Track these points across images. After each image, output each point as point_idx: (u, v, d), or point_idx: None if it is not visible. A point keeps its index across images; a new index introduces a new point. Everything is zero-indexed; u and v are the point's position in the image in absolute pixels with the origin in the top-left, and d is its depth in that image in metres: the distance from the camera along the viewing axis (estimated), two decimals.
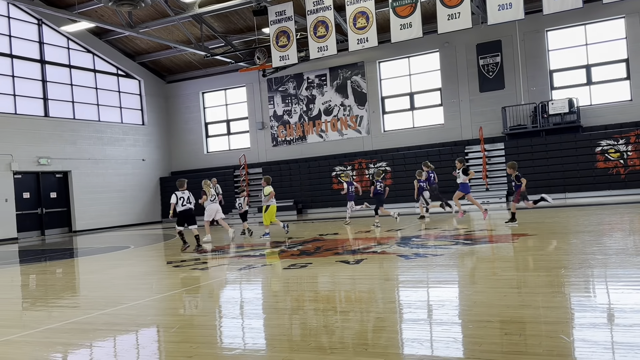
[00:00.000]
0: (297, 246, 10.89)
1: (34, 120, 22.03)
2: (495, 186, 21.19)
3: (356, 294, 6.00)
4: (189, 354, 4.02)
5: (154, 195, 27.00)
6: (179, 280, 8.02)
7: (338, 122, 24.67)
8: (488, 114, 21.85)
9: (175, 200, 11.79)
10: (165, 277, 8.56)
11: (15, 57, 21.74)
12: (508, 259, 7.75)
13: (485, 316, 4.48)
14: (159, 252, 12.83)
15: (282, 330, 4.68)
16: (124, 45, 25.93)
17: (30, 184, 21.93)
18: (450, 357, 3.60)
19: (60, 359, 4.28)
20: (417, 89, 23.34)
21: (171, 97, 28.42)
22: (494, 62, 21.73)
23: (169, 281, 8.09)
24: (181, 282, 7.80)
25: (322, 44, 18.76)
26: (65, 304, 6.88)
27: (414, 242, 9.99)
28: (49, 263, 12.15)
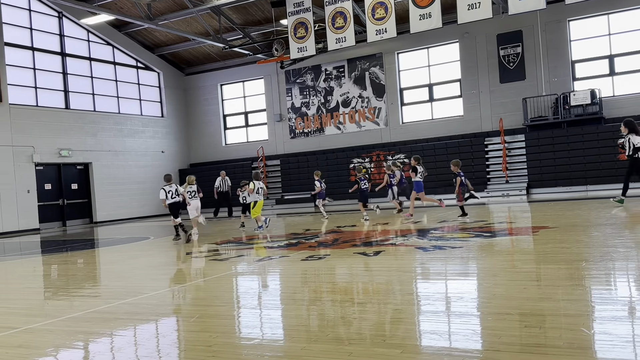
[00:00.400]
0: (314, 238, 10.90)
1: (55, 112, 22.32)
2: (516, 178, 20.99)
3: (374, 285, 6.00)
4: (208, 343, 4.06)
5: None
6: (197, 270, 8.09)
7: (356, 114, 24.60)
8: (508, 106, 21.61)
9: (165, 195, 12.43)
10: (184, 268, 8.64)
11: (36, 49, 22.01)
12: (528, 252, 7.68)
13: (504, 309, 4.44)
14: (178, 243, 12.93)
15: (300, 320, 4.69)
16: (143, 38, 26.10)
17: (51, 176, 22.25)
18: (469, 349, 3.58)
19: (82, 347, 4.35)
20: (436, 80, 23.15)
21: (190, 89, 28.57)
22: (515, 53, 21.46)
23: (188, 271, 8.16)
24: (200, 272, 7.86)
25: (340, 35, 18.68)
26: (86, 293, 6.98)
27: (433, 234, 9.95)
28: (71, 253, 12.34)
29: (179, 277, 7.84)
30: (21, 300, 6.96)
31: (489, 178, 21.59)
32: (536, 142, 20.61)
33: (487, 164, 21.75)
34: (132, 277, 8.28)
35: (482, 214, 13.96)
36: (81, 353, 4.22)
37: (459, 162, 12.89)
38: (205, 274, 7.61)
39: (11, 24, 21.15)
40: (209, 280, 7.04)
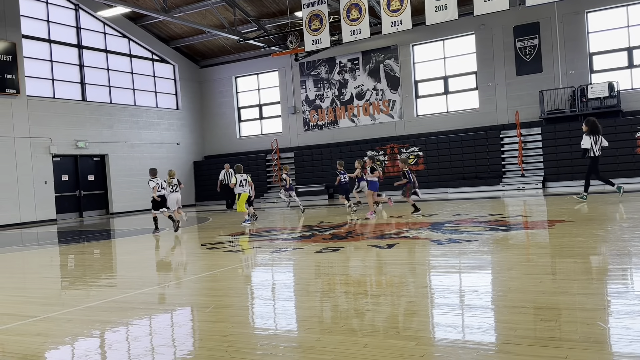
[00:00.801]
0: (328, 230, 10.92)
1: (72, 104, 22.53)
2: (532, 172, 20.83)
3: (387, 278, 6.00)
4: (224, 333, 4.09)
5: (187, 179, 27.36)
6: (212, 261, 8.15)
7: (370, 106, 24.52)
8: (525, 98, 21.41)
9: (154, 186, 13.12)
10: (199, 259, 8.71)
11: (53, 42, 22.21)
12: (544, 246, 7.63)
13: (520, 302, 4.43)
14: (193, 234, 13.04)
15: (314, 312, 4.72)
16: (158, 30, 26.21)
17: (68, 167, 22.50)
18: (484, 342, 3.58)
19: (99, 336, 4.41)
20: (452, 72, 22.99)
21: (205, 82, 28.66)
22: (532, 45, 21.23)
23: (203, 262, 8.23)
24: (215, 263, 7.92)
25: (355, 27, 18.61)
26: (103, 283, 7.07)
27: (447, 227, 9.92)
28: (87, 244, 12.49)
29: (194, 268, 7.91)
30: (39, 289, 7.07)
31: (504, 171, 21.44)
32: (553, 135, 20.41)
33: (503, 157, 21.59)
34: (148, 268, 8.37)
35: (497, 207, 13.88)
36: (99, 342, 4.28)
37: (406, 159, 13.51)
38: (220, 265, 7.66)
39: (29, 17, 21.35)
40: (224, 271, 7.09)
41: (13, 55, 20.13)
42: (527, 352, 3.24)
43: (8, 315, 5.25)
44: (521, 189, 19.88)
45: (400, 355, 3.34)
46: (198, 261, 8.52)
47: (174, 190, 13.49)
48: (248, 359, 3.50)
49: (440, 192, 21.67)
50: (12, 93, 20.05)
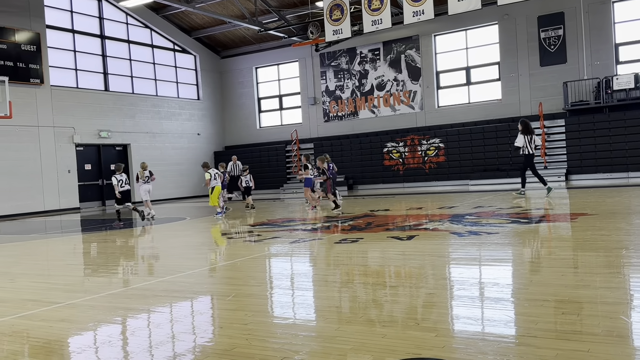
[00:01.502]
0: (348, 221, 10.92)
1: (95, 94, 22.79)
2: (555, 164, 20.55)
3: (407, 269, 5.99)
4: (244, 322, 4.13)
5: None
6: (232, 251, 8.21)
7: (391, 97, 24.38)
8: (548, 89, 21.10)
9: (116, 182, 13.55)
10: (220, 248, 8.78)
11: (76, 32, 22.46)
12: (566, 239, 7.54)
13: (541, 295, 4.39)
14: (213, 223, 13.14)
15: (333, 302, 4.73)
16: (180, 21, 26.33)
17: (91, 156, 22.80)
18: (505, 334, 3.55)
19: (121, 322, 4.48)
20: (474, 63, 22.74)
21: (225, 72, 28.76)
22: (556, 35, 20.88)
23: (224, 251, 8.29)
24: (235, 253, 7.98)
25: (377, 17, 18.48)
26: (125, 271, 7.17)
27: (468, 219, 9.85)
28: (109, 232, 12.66)
29: (215, 257, 7.98)
30: (63, 276, 7.20)
31: None
32: (576, 127, 20.11)
33: None
34: (169, 256, 8.47)
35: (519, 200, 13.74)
36: (121, 328, 4.35)
37: (324, 157, 13.82)
38: (240, 254, 7.72)
39: (52, 7, 21.60)
40: (244, 260, 7.14)
41: (37, 46, 20.41)
42: (548, 345, 3.21)
43: (33, 301, 5.36)
44: None
45: (420, 346, 3.33)
46: (218, 250, 8.60)
47: (146, 182, 14.44)
48: (268, 347, 3.52)
49: (461, 184, 21.52)
50: (36, 83, 20.35)
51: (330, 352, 3.36)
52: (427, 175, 22.83)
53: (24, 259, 9.30)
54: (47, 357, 3.62)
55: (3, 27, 19.47)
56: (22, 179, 19.74)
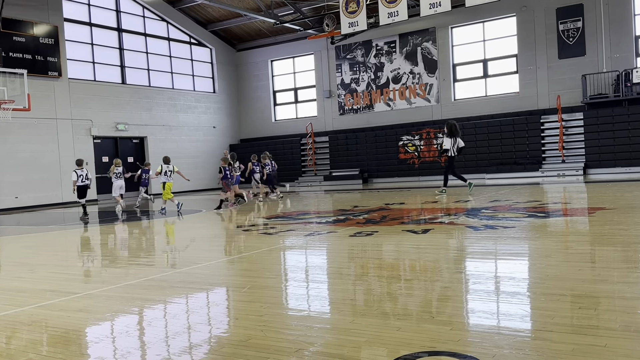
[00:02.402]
0: (362, 214, 10.92)
1: (112, 87, 22.97)
2: (572, 158, 20.34)
3: (422, 263, 5.97)
4: (259, 313, 4.15)
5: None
6: (248, 243, 8.25)
7: (406, 90, 24.26)
8: (567, 82, 20.84)
9: (76, 178, 13.97)
10: (235, 240, 8.83)
11: (94, 25, 22.62)
12: (583, 233, 7.47)
13: (558, 290, 4.35)
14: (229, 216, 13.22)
15: (347, 295, 4.74)
16: (196, 14, 26.40)
17: (108, 149, 23.01)
18: (521, 328, 3.54)
19: (138, 313, 4.54)
20: (491, 55, 22.52)
21: (241, 65, 28.81)
22: (575, 27, 20.60)
23: (239, 244, 8.34)
24: (250, 245, 8.02)
25: (393, 9, 18.36)
26: (142, 262, 7.24)
27: (484, 213, 9.79)
28: (126, 224, 12.79)
29: (230, 249, 8.03)
30: (80, 267, 7.29)
31: (544, 157, 21.00)
32: (595, 121, 19.85)
33: (543, 143, 21.13)
34: (185, 248, 8.54)
35: (536, 193, 13.63)
36: (138, 318, 4.40)
37: (227, 158, 14.84)
38: (255, 246, 7.76)
39: (70, 0, 21.77)
40: (259, 253, 7.18)
41: (55, 39, 20.60)
42: (564, 340, 3.19)
43: (51, 291, 5.44)
44: (561, 175, 19.45)
45: (435, 339, 3.33)
46: (233, 243, 8.64)
47: (117, 177, 15.17)
48: (283, 339, 3.54)
49: (477, 177, 21.37)
50: (54, 75, 20.56)
51: (344, 344, 3.37)
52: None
53: (43, 250, 9.43)
54: (66, 346, 3.68)
55: (22, 20, 19.68)
56: (40, 171, 19.99)
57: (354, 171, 24.41)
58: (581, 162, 19.88)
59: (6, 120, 16.99)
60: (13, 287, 5.81)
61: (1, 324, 4.30)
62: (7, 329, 4.17)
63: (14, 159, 19.33)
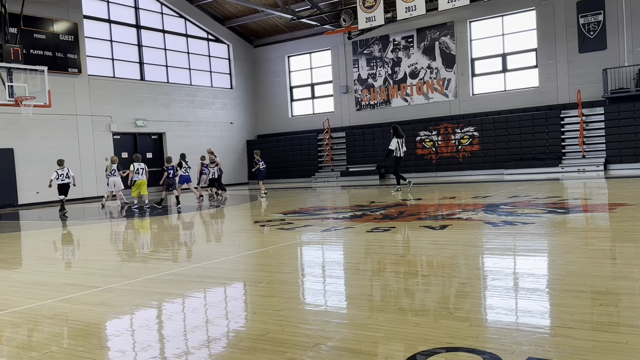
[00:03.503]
0: (379, 210, 10.89)
1: (131, 83, 23.17)
2: (593, 153, 20.08)
3: (439, 259, 5.95)
4: (277, 308, 4.17)
5: (241, 158, 27.85)
6: (265, 238, 8.28)
7: (424, 85, 24.12)
8: (587, 76, 20.56)
9: (56, 177, 14.88)
10: (252, 236, 8.87)
11: (113, 22, 22.82)
12: (604, 229, 7.37)
13: (578, 286, 4.31)
14: (246, 211, 13.28)
15: (364, 290, 4.73)
16: (213, 10, 26.50)
17: (127, 145, 23.24)
18: (540, 325, 3.51)
19: (158, 306, 4.58)
20: (510, 49, 22.29)
21: (258, 61, 28.87)
22: (596, 21, 20.29)
23: (257, 239, 8.38)
24: (267, 240, 8.05)
25: (410, 3, 18.25)
26: (161, 256, 7.31)
27: (503, 209, 9.71)
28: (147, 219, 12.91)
29: (248, 244, 8.07)
30: (101, 261, 7.38)
31: (564, 152, 20.76)
32: (616, 116, 19.57)
33: (563, 138, 20.89)
34: (203, 243, 8.60)
35: (556, 189, 13.48)
36: (158, 312, 4.44)
37: (170, 158, 15.57)
38: (273, 242, 7.78)
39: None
40: (276, 248, 7.20)
41: (75, 36, 20.83)
42: (584, 337, 3.16)
43: (72, 285, 5.51)
44: (581, 170, 19.22)
45: (453, 335, 3.32)
46: (251, 238, 8.68)
47: (112, 175, 15.80)
48: (301, 334, 3.55)
49: (496, 173, 21.21)
50: (74, 72, 20.79)
51: (362, 339, 3.37)
52: (460, 164, 22.57)
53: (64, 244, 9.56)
54: (86, 339, 3.73)
55: (42, 17, 19.93)
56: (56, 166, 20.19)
57: (371, 167, 24.35)
58: (602, 158, 19.62)
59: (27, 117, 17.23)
60: (35, 281, 5.90)
61: (24, 317, 4.38)
62: (30, 322, 4.25)
63: (35, 155, 19.61)
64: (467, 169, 22.29)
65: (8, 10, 16.41)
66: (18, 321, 4.27)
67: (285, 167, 26.72)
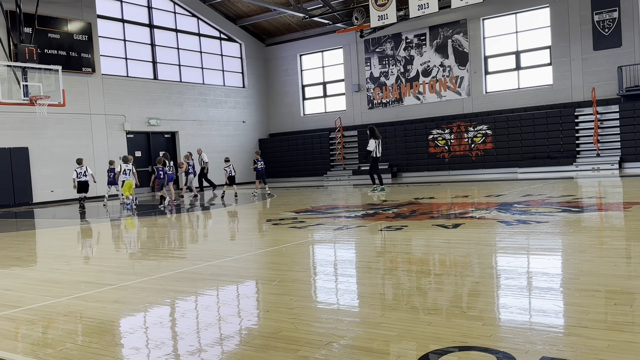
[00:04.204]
0: (392, 209, 10.87)
1: (145, 82, 23.31)
2: (607, 151, 19.88)
3: (452, 258, 5.92)
4: (290, 306, 4.18)
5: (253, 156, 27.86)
6: (277, 237, 8.30)
7: (437, 83, 24.01)
8: (602, 74, 20.35)
9: (76, 175, 15.70)
10: (265, 234, 8.89)
11: (126, 21, 22.97)
12: (619, 228, 7.30)
13: (592, 285, 4.27)
14: (258, 210, 13.32)
15: (376, 289, 4.73)
16: (226, 9, 26.58)
17: (141, 143, 23.39)
18: (554, 324, 3.48)
19: (171, 304, 4.61)
20: (524, 47, 22.12)
21: (270, 60, 28.91)
22: (611, 18, 20.07)
23: (269, 238, 8.40)
24: (280, 239, 8.06)
25: (423, 1, 18.18)
26: (174, 255, 7.36)
27: (516, 208, 9.65)
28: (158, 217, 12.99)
29: (260, 242, 8.09)
30: (115, 259, 7.45)
31: (578, 151, 20.58)
32: (631, 114, 19.36)
33: (577, 136, 20.71)
34: (216, 241, 8.64)
35: (570, 188, 13.37)
36: (171, 309, 4.47)
37: (161, 159, 15.74)
38: (285, 240, 7.80)
39: None
40: (289, 246, 7.22)
41: (89, 35, 21.00)
42: (599, 336, 3.13)
43: (87, 283, 5.56)
44: (596, 169, 19.04)
45: (466, 334, 3.30)
46: (263, 236, 8.71)
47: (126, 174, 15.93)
48: (313, 332, 3.56)
49: (509, 172, 21.08)
50: (88, 72, 20.96)
51: (375, 337, 3.36)
52: (473, 162, 22.46)
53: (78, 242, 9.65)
54: (101, 336, 3.77)
55: (56, 17, 20.10)
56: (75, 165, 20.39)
57: (383, 165, 24.29)
58: (617, 156, 19.42)
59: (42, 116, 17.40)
60: (50, 279, 5.97)
61: (39, 314, 4.42)
62: (45, 319, 4.29)
63: (50, 154, 19.81)
64: (480, 167, 22.17)
65: (23, 10, 16.58)
66: (33, 318, 4.32)
67: (297, 166, 26.75)
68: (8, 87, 15.64)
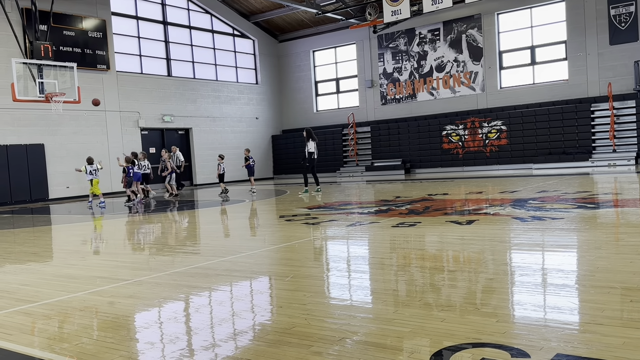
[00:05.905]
0: (405, 205, 10.84)
1: (159, 79, 23.44)
2: (624, 147, 19.65)
3: (466, 254, 5.89)
4: (303, 302, 4.19)
5: (266, 153, 27.97)
6: (290, 233, 8.31)
7: (450, 78, 23.87)
8: (618, 69, 20.10)
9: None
10: (278, 230, 8.91)
11: (140, 18, 23.10)
12: (635, 224, 7.21)
13: (608, 282, 4.23)
14: (271, 206, 13.35)
15: (389, 285, 4.72)
16: (239, 5, 26.62)
17: (155, 140, 23.53)
18: (569, 321, 3.45)
19: (185, 299, 4.64)
20: (539, 42, 21.91)
21: (283, 56, 28.91)
22: (627, 12, 19.81)
23: (282, 234, 8.41)
24: (292, 235, 8.08)
25: None
26: (188, 250, 7.40)
27: (531, 204, 9.57)
28: (173, 213, 13.07)
29: (274, 238, 8.11)
30: (129, 255, 7.51)
31: (594, 147, 20.36)
32: None
33: (593, 132, 20.49)
34: (230, 237, 8.67)
35: (586, 184, 13.24)
36: (186, 305, 4.50)
37: (129, 158, 16.23)
38: (298, 236, 7.81)
39: None
40: (302, 242, 7.23)
41: (103, 32, 21.15)
42: (614, 333, 3.10)
43: (102, 278, 5.62)
44: (612, 165, 18.83)
45: (480, 331, 3.29)
46: (276, 232, 8.73)
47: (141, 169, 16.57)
48: (326, 327, 3.56)
49: (524, 167, 20.92)
50: (103, 69, 21.12)
51: (388, 334, 3.36)
52: (487, 158, 22.32)
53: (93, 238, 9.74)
54: (116, 331, 3.80)
55: (71, 14, 20.27)
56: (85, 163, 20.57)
57: (396, 161, 24.23)
58: (633, 152, 19.19)
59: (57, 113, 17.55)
60: (66, 274, 6.03)
61: (55, 309, 4.48)
62: (61, 314, 4.34)
63: (65, 150, 20.00)
64: (494, 163, 22.03)
65: (38, 8, 16.72)
66: (49, 313, 4.37)
67: None
68: (24, 84, 15.80)
